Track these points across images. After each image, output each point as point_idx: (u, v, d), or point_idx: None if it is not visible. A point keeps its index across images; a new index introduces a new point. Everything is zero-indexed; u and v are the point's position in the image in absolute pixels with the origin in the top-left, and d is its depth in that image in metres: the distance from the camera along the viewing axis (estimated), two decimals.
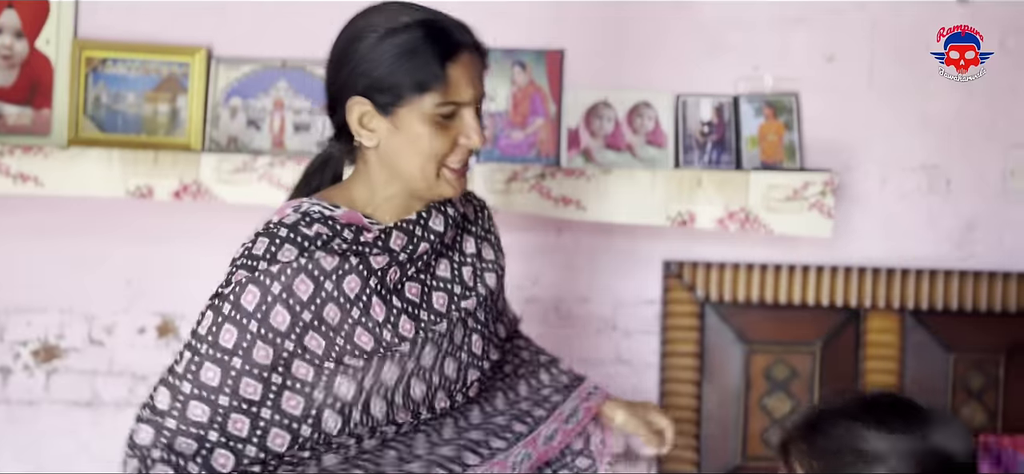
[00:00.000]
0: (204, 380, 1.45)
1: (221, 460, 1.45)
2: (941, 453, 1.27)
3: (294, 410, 1.48)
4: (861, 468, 1.29)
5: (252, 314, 1.45)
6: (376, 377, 1.51)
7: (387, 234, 1.55)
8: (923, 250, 2.97)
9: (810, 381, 2.98)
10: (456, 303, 1.63)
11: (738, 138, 2.94)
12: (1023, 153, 2.93)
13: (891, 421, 1.30)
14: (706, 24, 2.99)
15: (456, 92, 1.49)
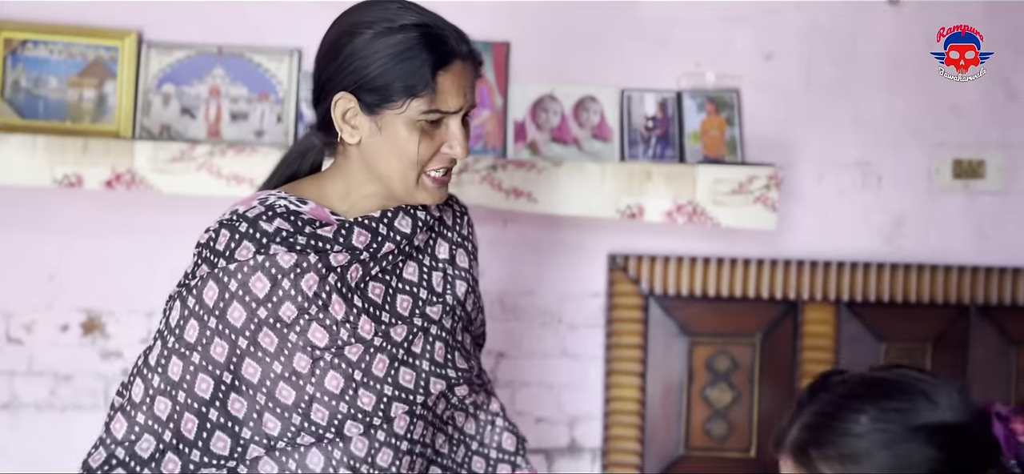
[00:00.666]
0: (170, 374, 1.35)
1: (170, 466, 1.35)
2: (977, 410, 1.13)
3: (237, 413, 1.36)
4: (927, 451, 1.09)
5: (211, 310, 1.34)
6: (319, 385, 1.36)
7: (348, 230, 1.38)
8: (856, 244, 2.82)
9: (751, 372, 2.79)
10: (421, 308, 1.45)
11: (681, 133, 2.72)
12: (947, 152, 2.80)
13: (907, 386, 1.13)
14: (650, 21, 2.77)
15: (444, 101, 1.33)
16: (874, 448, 1.10)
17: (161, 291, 2.76)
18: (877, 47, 2.81)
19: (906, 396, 1.12)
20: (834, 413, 1.14)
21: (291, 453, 1.38)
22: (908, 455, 1.09)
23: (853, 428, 1.12)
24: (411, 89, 1.32)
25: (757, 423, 2.80)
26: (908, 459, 1.09)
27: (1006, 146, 2.82)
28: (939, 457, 1.09)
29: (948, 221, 2.83)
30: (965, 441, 1.10)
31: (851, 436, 1.11)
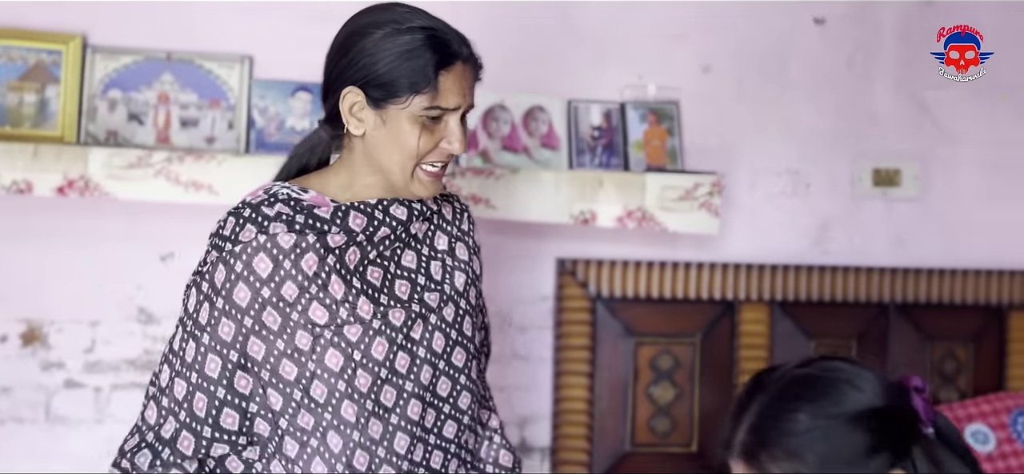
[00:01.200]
0: (186, 357, 1.35)
1: (185, 443, 1.34)
2: (896, 386, 1.15)
3: (243, 389, 1.35)
4: (858, 435, 1.10)
5: (219, 291, 1.33)
6: (319, 362, 1.33)
7: (345, 213, 1.37)
8: (786, 247, 2.76)
9: (692, 370, 2.69)
10: (419, 295, 1.41)
11: (626, 142, 2.60)
12: (867, 162, 2.77)
13: (837, 377, 1.14)
14: (594, 34, 2.66)
15: (445, 98, 1.34)
16: (815, 443, 1.10)
17: (108, 299, 2.56)
18: (804, 62, 2.76)
19: (835, 389, 1.12)
20: (775, 414, 1.13)
21: (312, 432, 1.34)
22: (844, 444, 1.10)
23: (794, 427, 1.11)
24: (415, 86, 1.33)
25: (698, 419, 2.71)
26: (845, 447, 1.10)
27: (920, 156, 2.80)
28: (871, 440, 1.10)
29: (869, 226, 2.80)
30: (891, 420, 1.12)
31: (793, 435, 1.11)
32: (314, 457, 1.35)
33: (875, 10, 2.80)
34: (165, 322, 2.57)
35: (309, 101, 2.57)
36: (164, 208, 2.39)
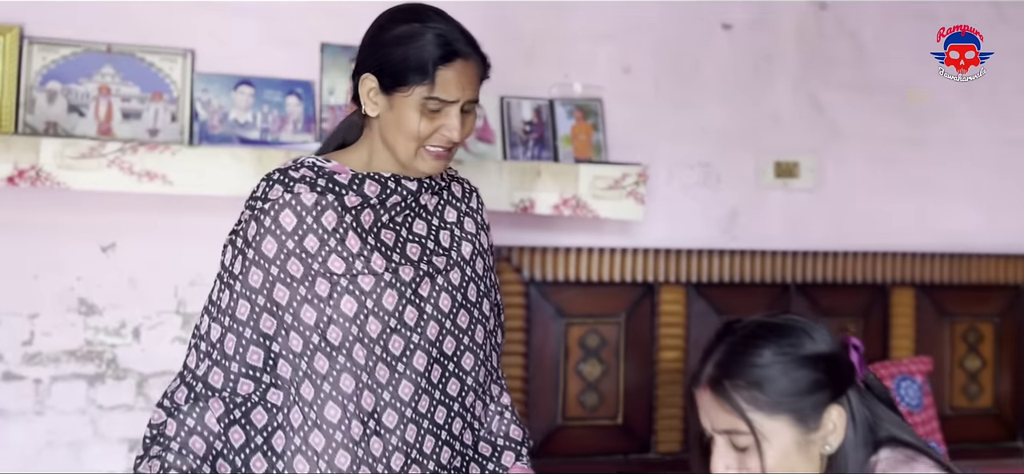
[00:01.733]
0: (221, 304, 1.40)
1: (215, 377, 1.39)
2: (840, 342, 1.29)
3: (268, 329, 1.39)
4: (808, 375, 1.24)
5: (250, 243, 1.39)
6: (336, 308, 1.38)
7: (361, 181, 1.43)
8: (700, 233, 2.77)
9: (617, 347, 2.67)
10: (428, 257, 1.46)
11: (555, 136, 2.56)
12: (769, 156, 2.80)
13: (794, 328, 1.27)
14: (525, 36, 2.59)
15: (444, 91, 1.38)
16: (775, 375, 1.23)
17: (48, 291, 2.38)
18: (714, 65, 2.76)
19: (795, 334, 1.25)
20: (742, 350, 1.25)
21: (326, 376, 1.37)
22: (799, 378, 1.23)
23: (758, 361, 1.23)
24: (417, 78, 1.37)
25: (623, 393, 2.68)
26: (799, 381, 1.23)
27: (815, 151, 2.84)
28: (819, 378, 1.23)
29: (771, 213, 2.83)
30: (834, 365, 1.25)
31: (757, 367, 1.23)
32: (328, 401, 1.37)
33: (776, 16, 2.84)
34: (106, 313, 2.40)
35: (251, 95, 2.45)
36: (104, 199, 2.22)
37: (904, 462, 1.21)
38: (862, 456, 1.23)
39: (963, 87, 2.96)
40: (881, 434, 1.25)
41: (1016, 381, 3.03)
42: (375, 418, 1.39)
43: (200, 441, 1.37)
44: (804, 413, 1.22)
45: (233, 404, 1.39)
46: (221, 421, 1.38)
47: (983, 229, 3.02)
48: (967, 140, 3.02)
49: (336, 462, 1.37)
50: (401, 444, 1.40)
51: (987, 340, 3.00)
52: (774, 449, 1.21)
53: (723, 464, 1.25)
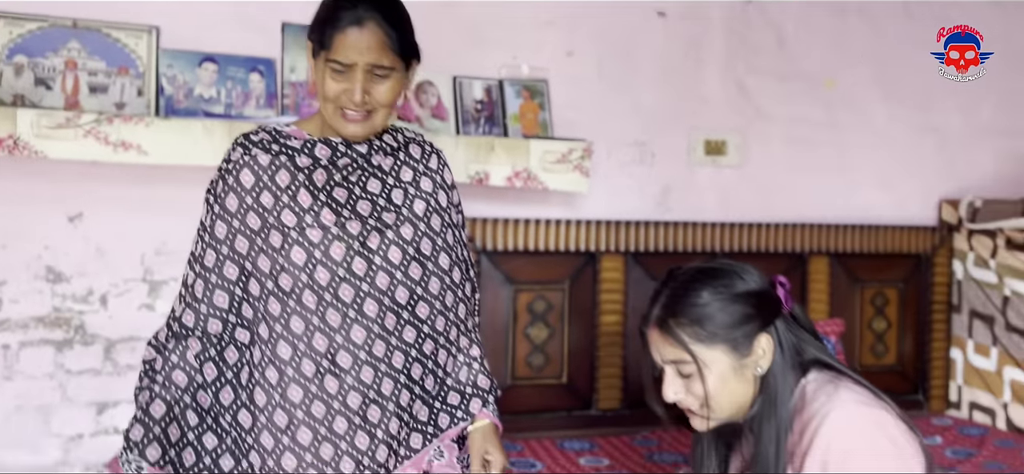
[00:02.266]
0: (196, 254, 1.53)
1: (188, 317, 1.51)
2: (768, 281, 1.46)
3: (231, 275, 1.50)
4: (741, 309, 1.41)
5: (217, 199, 1.52)
6: (287, 257, 1.48)
7: (312, 145, 1.53)
8: (636, 205, 2.94)
9: (561, 312, 2.83)
10: (378, 214, 1.53)
11: (504, 114, 2.71)
12: (700, 135, 3.00)
13: (729, 271, 1.45)
14: (476, 20, 2.74)
15: (340, 54, 1.46)
16: (712, 312, 1.39)
17: (16, 259, 2.41)
18: (649, 51, 2.95)
19: (727, 276, 1.42)
20: (684, 292, 1.41)
21: (278, 318, 1.48)
22: (732, 313, 1.39)
23: (698, 300, 1.40)
24: (320, 42, 1.48)
25: (567, 354, 2.85)
26: (733, 315, 1.39)
27: (741, 131, 3.06)
28: (749, 312, 1.39)
29: (701, 188, 3.03)
30: (763, 300, 1.41)
31: (698, 306, 1.40)
32: (280, 340, 1.48)
33: (706, 7, 3.04)
34: (74, 280, 2.46)
35: (215, 71, 2.53)
36: (71, 170, 2.29)
37: (829, 382, 1.39)
38: (792, 378, 1.40)
39: (874, 77, 3.25)
40: (807, 357, 1.42)
41: (917, 340, 3.31)
42: (329, 358, 1.46)
43: (182, 374, 1.48)
44: (738, 342, 1.38)
45: (208, 342, 1.50)
46: (198, 358, 1.49)
47: (889, 204, 3.27)
48: (876, 125, 3.27)
49: (288, 395, 1.47)
50: (357, 383, 1.47)
51: (892, 304, 3.26)
52: (714, 374, 1.39)
53: (672, 390, 1.43)
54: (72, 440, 2.47)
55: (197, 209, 2.06)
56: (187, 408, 1.48)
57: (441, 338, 1.57)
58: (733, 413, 1.42)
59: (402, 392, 1.51)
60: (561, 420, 2.86)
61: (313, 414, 1.47)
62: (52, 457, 2.45)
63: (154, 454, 1.45)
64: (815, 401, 1.36)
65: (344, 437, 1.47)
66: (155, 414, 1.46)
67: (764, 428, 1.37)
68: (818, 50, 3.17)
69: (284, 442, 1.47)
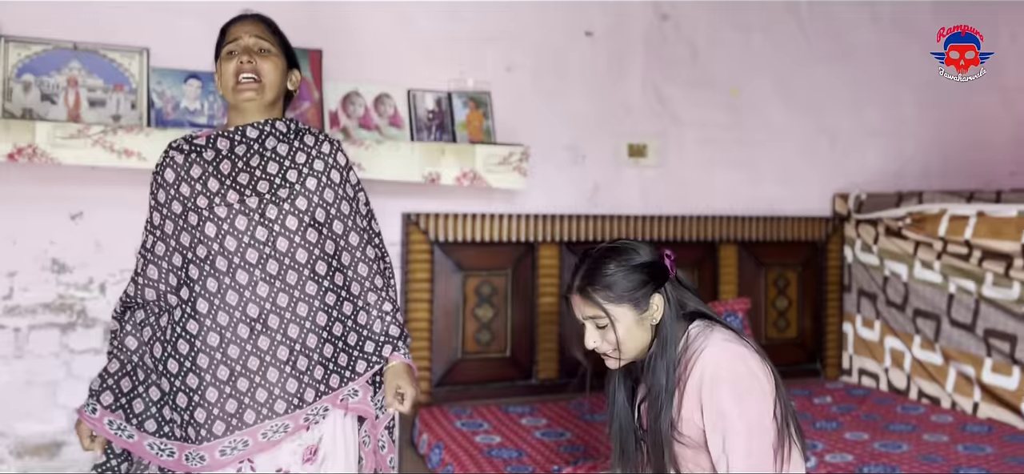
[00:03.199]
0: (142, 238, 1.89)
1: (130, 289, 1.88)
2: (658, 253, 1.80)
3: (160, 252, 1.84)
4: (638, 277, 1.76)
5: (152, 195, 1.88)
6: (201, 232, 1.80)
7: (214, 140, 1.88)
8: (569, 201, 3.31)
9: (505, 294, 3.20)
10: (274, 190, 1.84)
11: (453, 123, 3.05)
12: (624, 139, 3.38)
13: (628, 248, 1.79)
14: (427, 38, 3.08)
15: (231, 37, 1.90)
16: (618, 280, 1.74)
17: (25, 253, 2.74)
18: (579, 65, 3.33)
19: (628, 252, 1.77)
20: (596, 266, 1.77)
21: (197, 281, 1.79)
22: (634, 278, 1.74)
23: (607, 271, 1.75)
24: (218, 50, 1.93)
25: (510, 331, 3.23)
26: (634, 281, 1.74)
27: (659, 135, 3.46)
28: (645, 278, 1.74)
29: (625, 185, 3.42)
30: (655, 269, 1.76)
31: (606, 276, 1.75)
32: (198, 299, 1.79)
33: (627, 25, 3.44)
34: (76, 271, 2.77)
35: (199, 87, 2.86)
36: (72, 175, 2.61)
37: (706, 328, 1.77)
38: (679, 326, 1.79)
39: (774, 86, 3.67)
40: (689, 309, 1.81)
41: (814, 316, 3.75)
42: (241, 310, 1.77)
43: (132, 339, 1.84)
44: (638, 300, 1.73)
45: (148, 310, 1.84)
46: (141, 324, 1.84)
47: (789, 197, 3.69)
48: (777, 128, 3.69)
49: (208, 341, 1.77)
50: (265, 329, 1.78)
51: (792, 284, 3.69)
52: (622, 325, 1.77)
53: (591, 340, 1.81)
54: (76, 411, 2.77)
55: None
56: (137, 366, 1.81)
57: (342, 291, 1.87)
58: (636, 354, 1.80)
59: (308, 336, 1.81)
60: (505, 389, 3.23)
61: (229, 355, 1.77)
62: (58, 426, 2.75)
63: (107, 399, 1.80)
64: (695, 342, 1.75)
65: (257, 372, 1.77)
66: (111, 370, 1.82)
67: (658, 364, 1.75)
68: (725, 63, 3.55)
69: (206, 379, 1.76)
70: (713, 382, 1.68)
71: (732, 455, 1.66)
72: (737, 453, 1.65)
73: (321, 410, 1.83)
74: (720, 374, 1.68)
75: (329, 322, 1.84)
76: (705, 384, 1.68)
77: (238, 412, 1.76)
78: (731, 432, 1.64)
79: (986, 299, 3.09)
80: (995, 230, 2.94)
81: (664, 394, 1.74)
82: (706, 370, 1.68)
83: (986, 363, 3.11)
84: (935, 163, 3.92)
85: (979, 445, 2.73)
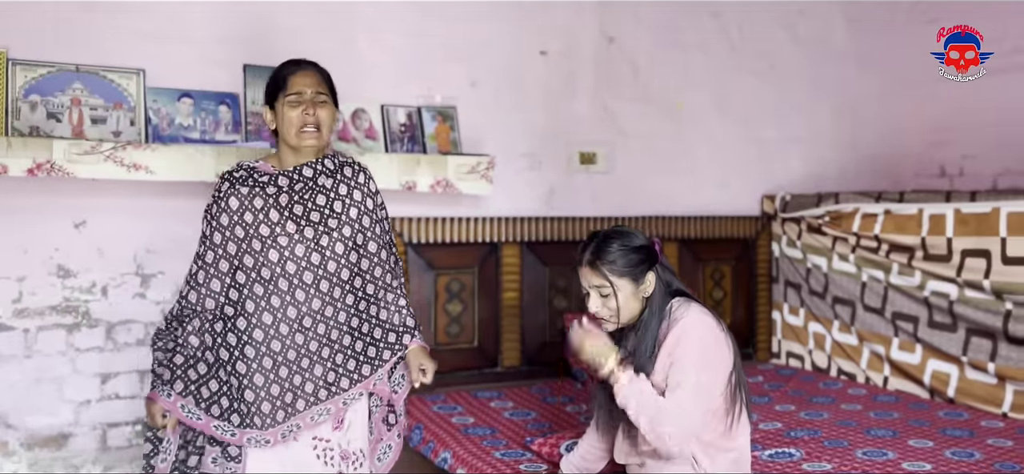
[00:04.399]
0: (199, 252, 2.14)
1: (192, 296, 2.12)
2: (650, 240, 2.11)
3: (223, 270, 2.10)
4: (637, 256, 2.06)
5: (214, 216, 2.12)
6: (265, 256, 2.09)
7: (276, 177, 2.15)
8: (528, 204, 3.59)
9: (473, 290, 3.47)
10: (325, 219, 2.16)
11: (423, 135, 3.33)
12: (576, 147, 3.68)
13: (628, 232, 2.11)
14: (397, 57, 3.33)
15: (296, 87, 2.14)
16: (620, 256, 2.06)
17: (33, 259, 2.95)
18: (535, 81, 3.63)
19: (628, 236, 2.09)
20: (603, 244, 2.08)
21: (262, 296, 2.09)
22: (632, 257, 2.05)
23: (611, 249, 2.07)
24: (276, 91, 2.17)
25: (477, 324, 3.51)
26: (632, 259, 2.05)
27: (607, 144, 3.77)
28: (642, 257, 2.06)
29: (578, 190, 3.71)
30: (648, 250, 2.08)
31: (610, 252, 2.06)
32: (263, 312, 2.09)
33: (578, 46, 3.75)
34: (80, 275, 2.97)
35: (191, 104, 3.09)
36: (76, 186, 2.82)
37: (685, 303, 2.08)
38: (664, 300, 2.09)
39: (711, 100, 4.03)
40: (673, 287, 2.13)
41: (747, 306, 4.12)
42: (297, 321, 2.09)
43: (195, 339, 2.10)
44: (636, 275, 2.05)
45: (205, 317, 2.08)
46: (200, 330, 2.10)
47: (723, 199, 4.05)
48: (713, 137, 4.04)
49: (271, 346, 2.08)
50: (316, 336, 2.12)
51: (727, 277, 4.05)
52: (623, 293, 2.05)
53: (595, 305, 2.08)
54: (81, 405, 2.98)
55: (179, 215, 2.76)
56: (199, 361, 2.10)
57: (371, 299, 2.23)
58: (629, 320, 2.09)
59: (344, 337, 2.17)
60: (474, 377, 3.50)
61: (288, 358, 2.11)
62: (65, 419, 2.95)
63: (179, 387, 2.08)
64: (677, 313, 2.06)
65: (307, 370, 2.12)
66: (177, 363, 2.08)
67: (647, 329, 2.06)
68: (665, 79, 3.89)
69: (270, 378, 2.09)
70: (686, 342, 2.00)
71: (675, 396, 1.97)
72: (679, 400, 1.96)
73: (356, 395, 2.19)
74: (691, 337, 2.01)
75: (360, 323, 2.19)
76: (679, 343, 2.01)
77: (293, 402, 2.11)
78: (684, 383, 1.97)
79: (893, 286, 3.50)
80: (900, 226, 3.36)
81: (648, 353, 2.06)
82: (682, 333, 2.01)
83: (894, 342, 3.53)
84: (849, 167, 4.34)
85: (888, 411, 3.14)
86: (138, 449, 2.99)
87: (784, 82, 4.18)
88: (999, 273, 3.00)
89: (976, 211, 3.06)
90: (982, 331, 3.14)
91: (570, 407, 3.19)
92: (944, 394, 3.29)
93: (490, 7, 3.54)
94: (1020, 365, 3.02)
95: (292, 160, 2.18)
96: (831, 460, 2.54)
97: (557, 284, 3.68)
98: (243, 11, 3.15)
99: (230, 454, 2.07)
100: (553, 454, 2.55)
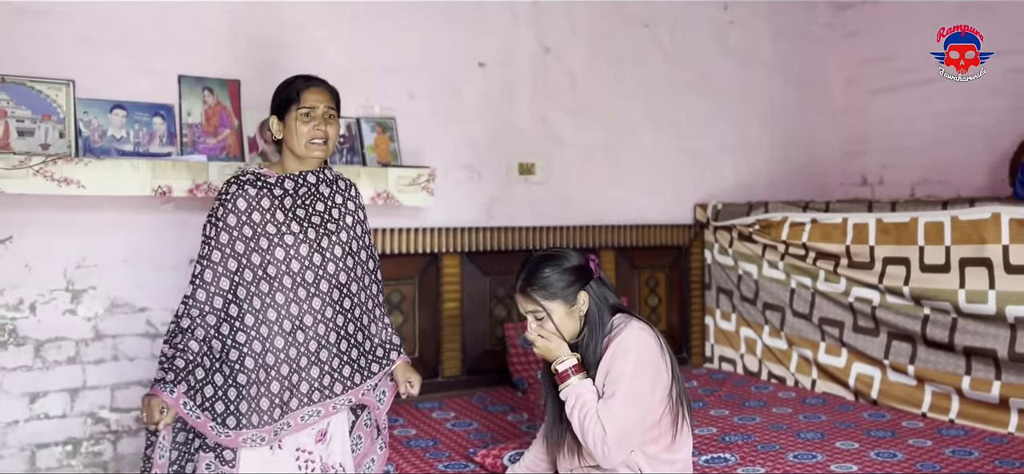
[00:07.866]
0: (203, 253, 2.15)
1: (200, 295, 2.14)
2: (585, 258, 2.13)
3: (232, 268, 2.14)
4: (568, 278, 2.09)
5: (220, 218, 2.15)
6: (271, 254, 2.14)
7: (282, 180, 2.22)
8: (468, 215, 3.58)
9: (413, 301, 3.44)
10: (325, 224, 2.24)
11: (363, 146, 3.32)
12: (515, 158, 3.68)
13: (560, 254, 2.13)
14: (337, 70, 3.17)
15: (309, 102, 2.20)
16: (552, 281, 2.08)
17: None
18: (474, 93, 3.62)
19: (560, 258, 2.12)
20: (535, 269, 2.10)
21: (268, 293, 2.13)
22: (564, 279, 2.08)
23: (544, 274, 2.09)
24: (288, 103, 2.22)
25: (418, 334, 3.48)
26: (564, 281, 2.08)
27: (545, 155, 3.79)
28: (574, 278, 2.08)
29: (517, 200, 3.73)
30: (582, 271, 2.10)
31: (544, 277, 2.08)
32: (269, 308, 2.14)
33: (516, 57, 3.76)
34: (6, 292, 2.84)
35: (124, 116, 2.98)
36: (2, 200, 2.71)
37: (626, 318, 2.12)
38: (603, 317, 2.12)
39: (644, 111, 4.08)
40: (611, 302, 2.16)
41: (681, 311, 4.19)
42: (299, 319, 2.15)
43: (195, 344, 2.10)
44: (568, 297, 2.08)
45: (215, 319, 2.10)
46: (206, 337, 2.10)
47: (657, 208, 4.11)
48: (646, 148, 4.10)
49: (275, 343, 2.12)
50: (316, 335, 2.16)
51: (662, 284, 4.11)
52: (556, 316, 2.09)
53: (531, 329, 2.13)
54: (9, 425, 2.85)
55: (111, 230, 2.71)
56: (197, 365, 2.10)
57: (362, 306, 2.29)
58: (570, 339, 2.13)
59: (341, 341, 2.22)
60: None
61: (289, 356, 2.15)
62: None
63: (183, 388, 2.07)
64: (617, 328, 2.09)
65: (305, 369, 2.16)
66: (179, 365, 2.07)
67: (588, 344, 2.10)
68: (601, 90, 3.93)
69: (271, 374, 2.12)
70: (622, 356, 2.03)
71: (607, 404, 1.99)
72: (611, 406, 1.99)
73: (344, 401, 2.22)
74: (629, 349, 2.03)
75: (355, 330, 2.25)
76: (615, 357, 2.03)
77: (288, 401, 2.15)
78: (618, 392, 1.99)
79: (820, 292, 3.59)
80: (825, 234, 3.45)
81: (591, 367, 2.08)
82: (618, 348, 2.04)
83: (821, 346, 3.62)
84: (779, 176, 4.44)
85: (816, 414, 3.22)
86: (67, 471, 2.87)
87: (715, 93, 4.25)
88: (918, 280, 3.10)
89: (896, 221, 3.15)
90: (902, 335, 3.24)
91: (511, 416, 3.18)
92: (868, 396, 3.39)
93: (427, 17, 3.51)
94: (937, 368, 3.13)
95: (295, 168, 2.25)
96: (764, 464, 2.59)
97: (497, 294, 3.67)
98: (178, 19, 3.05)
99: (225, 458, 2.09)
100: (496, 465, 2.53)
